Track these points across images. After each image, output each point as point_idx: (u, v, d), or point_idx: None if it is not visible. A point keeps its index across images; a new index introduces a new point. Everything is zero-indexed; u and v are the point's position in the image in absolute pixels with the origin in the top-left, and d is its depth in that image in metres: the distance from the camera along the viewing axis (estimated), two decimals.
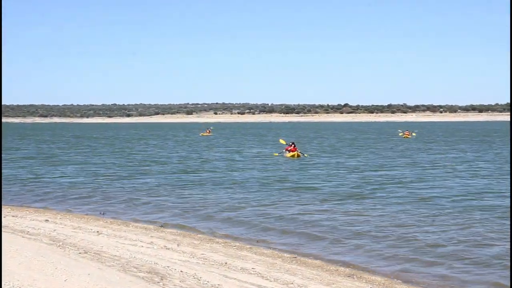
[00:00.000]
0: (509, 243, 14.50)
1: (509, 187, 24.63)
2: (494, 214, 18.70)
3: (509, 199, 21.13)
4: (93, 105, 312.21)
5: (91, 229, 15.94)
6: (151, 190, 25.35)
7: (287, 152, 43.32)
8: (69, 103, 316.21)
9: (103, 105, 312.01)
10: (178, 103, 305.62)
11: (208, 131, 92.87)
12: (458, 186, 25.64)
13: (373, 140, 72.47)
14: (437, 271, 12.66)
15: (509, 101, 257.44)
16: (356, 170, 32.88)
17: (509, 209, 19.06)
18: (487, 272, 12.56)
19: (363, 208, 19.96)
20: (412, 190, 24.28)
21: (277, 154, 45.33)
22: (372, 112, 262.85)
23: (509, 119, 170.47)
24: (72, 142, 71.48)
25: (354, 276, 12.25)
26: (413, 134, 77.12)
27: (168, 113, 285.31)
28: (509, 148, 50.98)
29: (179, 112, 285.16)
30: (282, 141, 50.31)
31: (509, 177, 28.69)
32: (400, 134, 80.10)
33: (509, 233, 15.53)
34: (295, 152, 42.59)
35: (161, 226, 17.37)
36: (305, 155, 43.90)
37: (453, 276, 12.35)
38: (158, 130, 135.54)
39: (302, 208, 20.11)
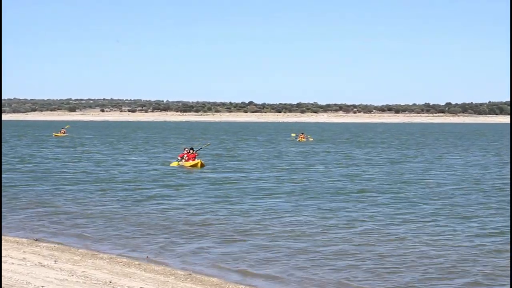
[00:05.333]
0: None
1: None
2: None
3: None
4: None
5: None
6: (14, 196, 25.04)
7: (182, 159, 38.60)
8: None
9: None
10: (59, 99, 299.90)
11: (62, 131, 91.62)
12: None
13: (258, 142, 73.56)
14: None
15: (426, 102, 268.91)
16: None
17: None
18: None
19: (260, 217, 20.20)
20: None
21: (177, 163, 38.80)
22: (280, 112, 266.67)
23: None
24: None
25: None
26: (310, 138, 78.38)
27: (47, 109, 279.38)
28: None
29: (60, 109, 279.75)
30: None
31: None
32: (303, 135, 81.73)
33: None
34: (198, 161, 37.56)
35: (36, 240, 16.99)
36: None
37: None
38: (28, 128, 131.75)
39: (197, 216, 20.14)
